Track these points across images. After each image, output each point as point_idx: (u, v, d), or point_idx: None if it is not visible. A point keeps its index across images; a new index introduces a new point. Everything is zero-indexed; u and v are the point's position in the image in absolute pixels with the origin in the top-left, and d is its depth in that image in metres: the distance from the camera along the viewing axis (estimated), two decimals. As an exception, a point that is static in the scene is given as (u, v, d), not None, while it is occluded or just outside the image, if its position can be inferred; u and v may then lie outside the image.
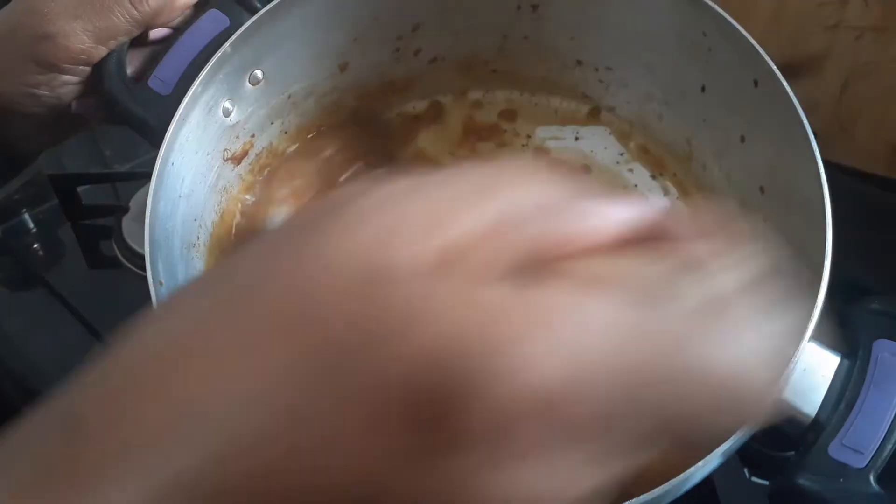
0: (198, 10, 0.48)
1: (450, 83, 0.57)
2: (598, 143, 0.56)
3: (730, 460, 0.41)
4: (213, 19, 0.48)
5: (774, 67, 0.43)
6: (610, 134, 0.56)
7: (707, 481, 0.46)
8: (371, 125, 0.57)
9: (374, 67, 0.54)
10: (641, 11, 0.49)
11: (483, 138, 0.57)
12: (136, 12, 0.45)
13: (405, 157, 0.57)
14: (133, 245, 0.55)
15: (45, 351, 0.57)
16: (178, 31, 0.48)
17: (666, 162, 0.55)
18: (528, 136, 0.57)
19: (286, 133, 0.53)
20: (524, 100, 0.57)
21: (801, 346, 0.38)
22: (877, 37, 0.55)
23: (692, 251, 0.23)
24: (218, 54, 0.45)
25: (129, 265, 0.55)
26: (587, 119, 0.57)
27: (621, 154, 0.56)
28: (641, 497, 0.36)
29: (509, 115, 0.57)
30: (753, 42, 0.44)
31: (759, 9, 0.58)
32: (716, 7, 0.45)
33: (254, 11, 0.47)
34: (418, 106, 0.57)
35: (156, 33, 0.48)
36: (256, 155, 0.52)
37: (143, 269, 0.41)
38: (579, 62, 0.55)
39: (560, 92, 0.57)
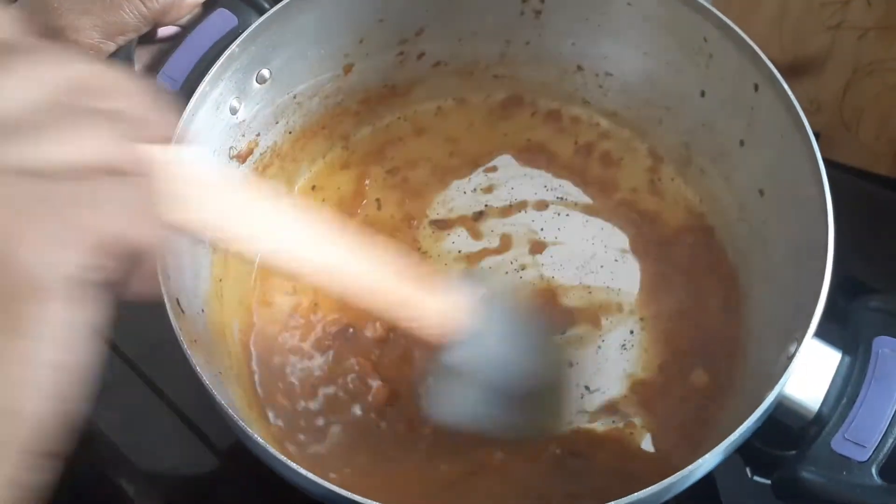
0: (206, 8, 0.48)
1: (451, 88, 0.58)
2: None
3: (732, 459, 0.42)
4: (222, 18, 0.48)
5: (776, 71, 0.44)
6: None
7: (709, 480, 0.47)
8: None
9: (377, 70, 0.55)
10: (642, 18, 0.50)
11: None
12: (144, 9, 0.46)
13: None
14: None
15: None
16: (186, 29, 0.48)
17: (664, 165, 0.56)
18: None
19: (290, 133, 0.54)
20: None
21: (804, 343, 0.38)
22: (879, 36, 0.56)
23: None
24: (227, 53, 0.46)
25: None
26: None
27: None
28: (643, 491, 0.36)
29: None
30: (755, 46, 0.45)
31: (762, 9, 0.58)
32: (717, 13, 0.46)
33: (262, 11, 0.48)
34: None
35: (164, 31, 0.48)
36: (261, 154, 0.52)
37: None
38: (580, 67, 0.56)
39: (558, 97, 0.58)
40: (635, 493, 0.36)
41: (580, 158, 0.57)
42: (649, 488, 0.36)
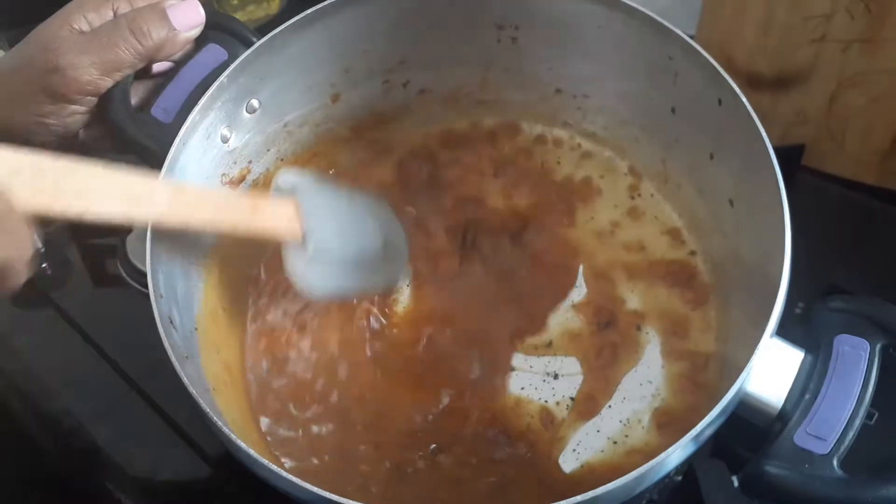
0: (198, 44, 0.51)
1: (437, 115, 0.60)
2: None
3: (715, 465, 0.43)
4: (213, 53, 0.51)
5: (735, 86, 0.45)
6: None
7: (693, 485, 0.48)
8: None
9: (364, 99, 0.58)
10: (611, 40, 0.52)
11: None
12: (140, 47, 0.48)
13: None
14: (136, 263, 0.57)
15: (51, 367, 0.59)
16: (179, 64, 0.51)
17: (644, 182, 0.58)
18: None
19: (282, 160, 0.56)
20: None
21: (763, 342, 0.40)
22: (863, 48, 0.57)
23: None
24: (216, 84, 0.48)
25: (133, 283, 0.57)
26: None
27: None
28: (620, 480, 0.37)
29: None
30: (715, 63, 0.46)
31: (748, 23, 0.60)
32: (679, 32, 0.48)
33: (250, 45, 0.50)
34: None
35: (159, 66, 0.51)
36: (254, 180, 0.55)
37: (146, 286, 0.43)
38: (558, 90, 0.58)
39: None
40: (611, 483, 0.36)
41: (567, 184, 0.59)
42: (610, 483, 0.36)
